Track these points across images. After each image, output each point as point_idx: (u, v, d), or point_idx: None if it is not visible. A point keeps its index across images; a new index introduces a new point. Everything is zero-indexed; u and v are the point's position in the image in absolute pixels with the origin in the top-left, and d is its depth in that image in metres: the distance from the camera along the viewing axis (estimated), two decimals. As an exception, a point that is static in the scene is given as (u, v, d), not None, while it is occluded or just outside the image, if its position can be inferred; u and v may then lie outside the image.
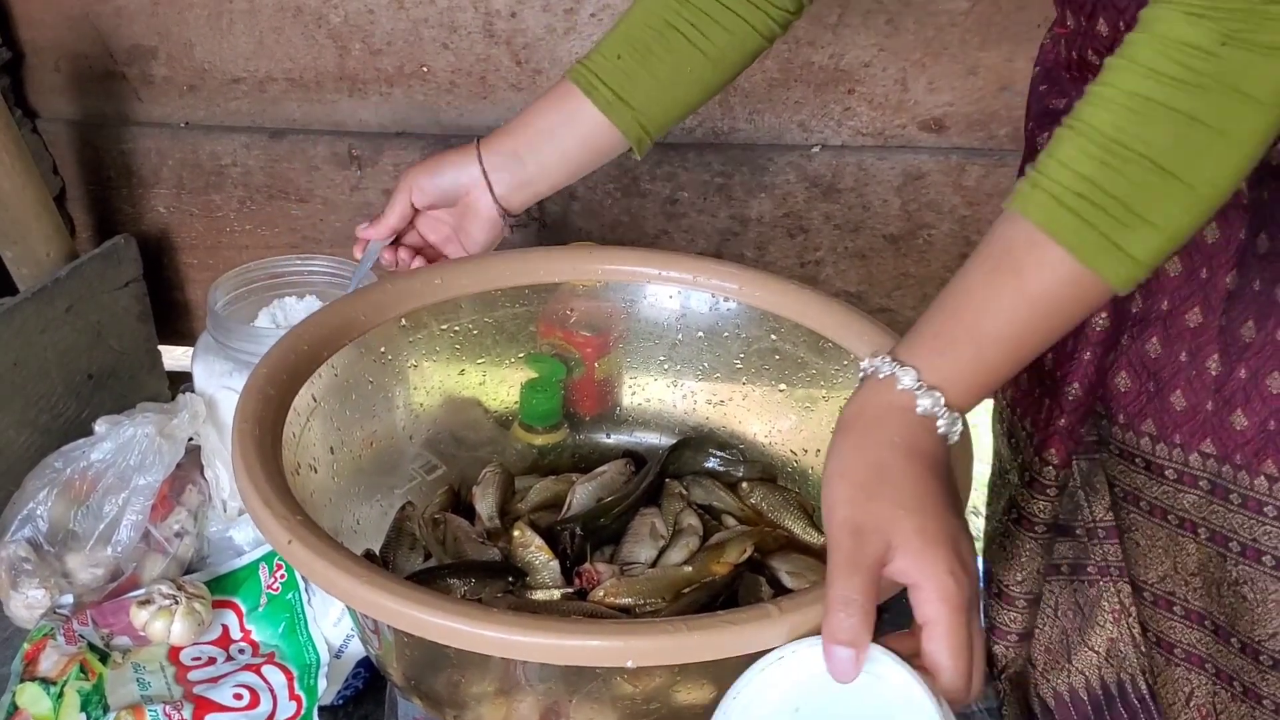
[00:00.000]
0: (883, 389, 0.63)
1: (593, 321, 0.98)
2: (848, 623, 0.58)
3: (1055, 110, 0.86)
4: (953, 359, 0.63)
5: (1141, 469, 0.85)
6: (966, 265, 0.64)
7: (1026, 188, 0.61)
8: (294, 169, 1.36)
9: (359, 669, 0.91)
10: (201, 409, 1.04)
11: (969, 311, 0.63)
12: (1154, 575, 0.87)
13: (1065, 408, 0.85)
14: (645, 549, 0.85)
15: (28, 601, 0.94)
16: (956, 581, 0.59)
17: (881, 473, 0.61)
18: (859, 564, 0.59)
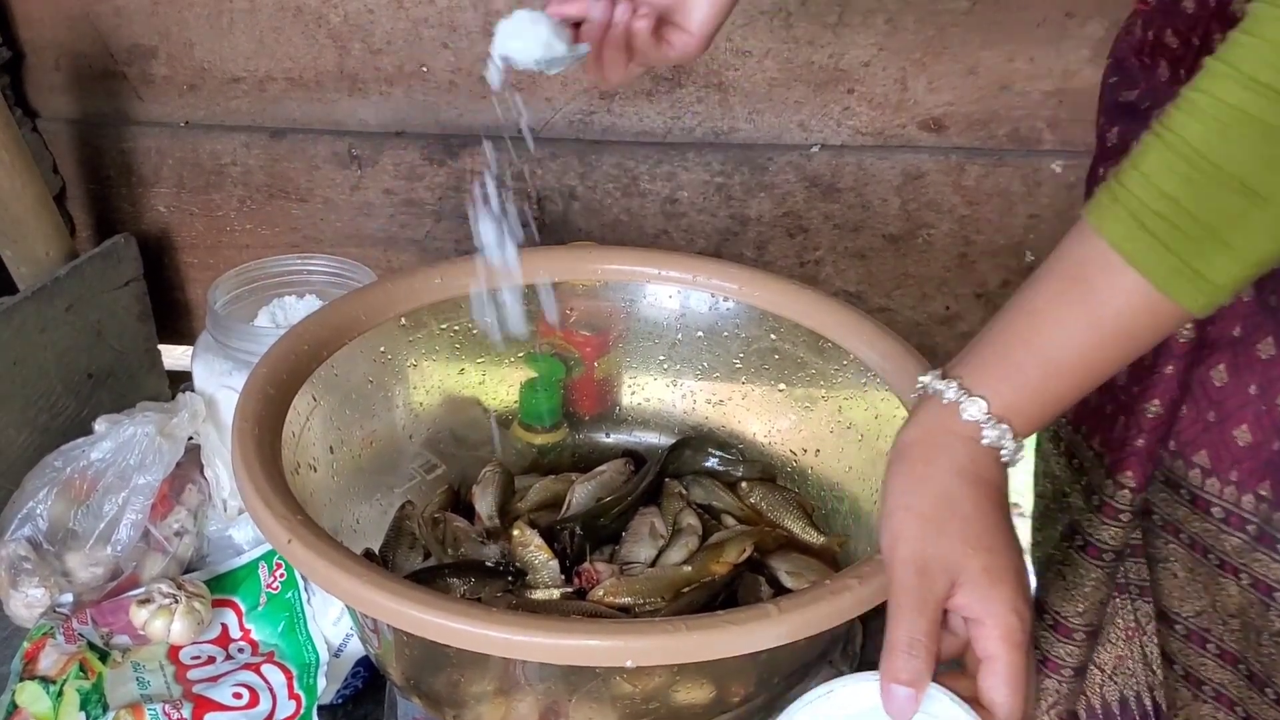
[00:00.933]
0: (946, 415, 0.61)
1: (592, 321, 0.98)
2: (912, 664, 0.57)
3: (1126, 103, 0.81)
4: (1020, 386, 0.60)
5: (1186, 501, 0.79)
6: (1036, 280, 0.60)
7: (1106, 200, 0.57)
8: (294, 168, 1.36)
9: (358, 668, 0.91)
10: (201, 408, 1.04)
11: (1038, 336, 0.59)
12: (1189, 610, 0.82)
13: (1144, 426, 0.79)
14: (645, 549, 0.86)
15: (27, 600, 0.94)
16: (1020, 619, 0.58)
17: (949, 506, 0.59)
18: (925, 604, 0.58)
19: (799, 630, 0.61)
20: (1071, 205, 1.27)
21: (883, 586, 0.64)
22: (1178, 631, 0.83)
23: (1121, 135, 0.82)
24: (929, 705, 0.58)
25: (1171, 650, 0.84)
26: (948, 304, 1.35)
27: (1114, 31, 1.17)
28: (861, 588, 0.63)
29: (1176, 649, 0.84)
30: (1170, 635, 0.84)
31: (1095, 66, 1.20)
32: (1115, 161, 0.81)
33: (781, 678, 0.74)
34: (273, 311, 1.10)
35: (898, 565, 0.59)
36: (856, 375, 0.87)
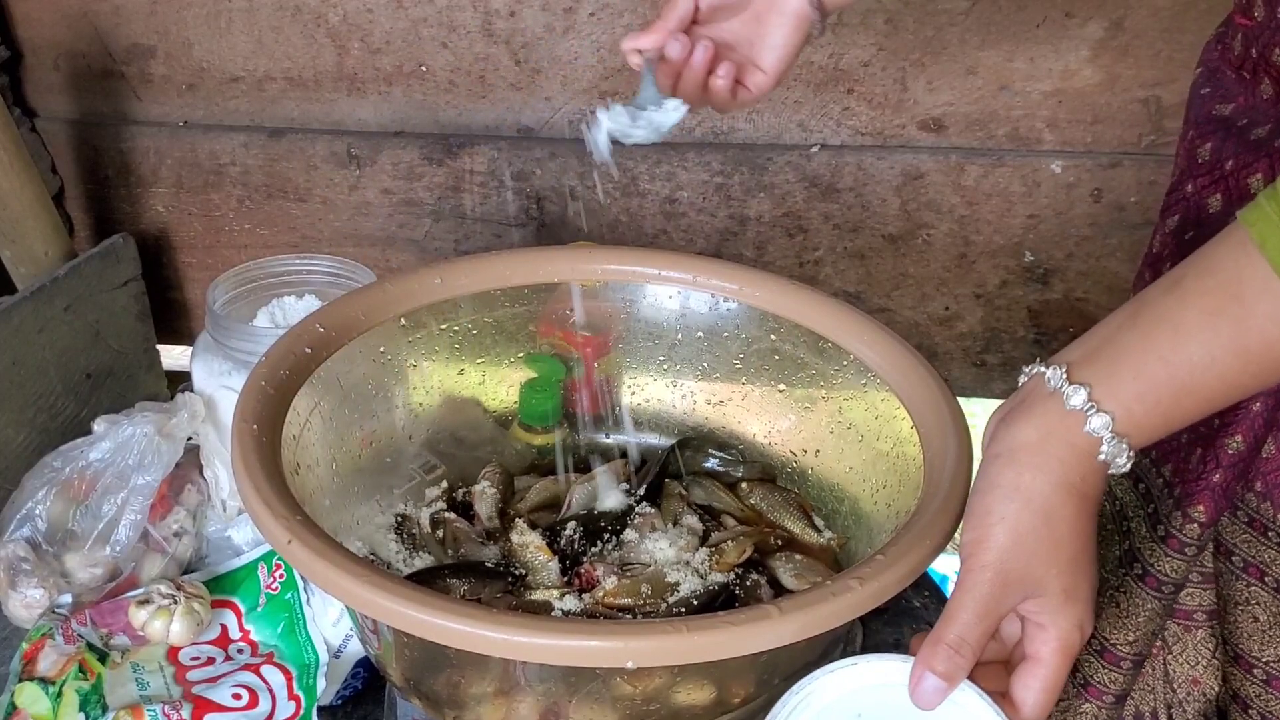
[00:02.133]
0: (1067, 425, 0.57)
1: (592, 321, 0.98)
2: (954, 661, 0.57)
3: (1220, 118, 0.78)
4: (1150, 403, 0.57)
5: (1274, 544, 0.76)
6: (1182, 288, 0.56)
7: (1272, 212, 0.52)
8: (293, 168, 1.36)
9: (358, 669, 0.91)
10: (200, 408, 1.03)
11: (1178, 354, 0.55)
12: (1270, 654, 0.79)
13: (1223, 462, 0.76)
14: (644, 549, 0.85)
15: (26, 601, 0.94)
16: (1081, 636, 0.58)
17: (1048, 522, 0.57)
18: (990, 614, 0.57)
19: (800, 631, 0.61)
20: (1071, 205, 1.28)
21: (884, 587, 0.64)
22: (1256, 676, 0.81)
23: (1216, 151, 0.79)
24: (954, 694, 0.58)
25: (1247, 694, 0.82)
26: (947, 304, 1.35)
27: (1113, 31, 1.18)
28: (862, 589, 0.63)
29: (1253, 694, 0.81)
30: (1247, 679, 0.81)
31: (1095, 67, 1.21)
32: (1208, 178, 0.79)
33: (782, 678, 0.73)
34: (272, 311, 1.10)
35: (977, 568, 0.58)
36: (856, 376, 0.87)
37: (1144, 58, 1.19)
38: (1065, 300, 1.33)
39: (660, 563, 0.84)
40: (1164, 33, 1.18)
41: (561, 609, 0.79)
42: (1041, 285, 1.33)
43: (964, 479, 0.72)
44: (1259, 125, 0.76)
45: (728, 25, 0.82)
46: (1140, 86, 1.21)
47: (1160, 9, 1.17)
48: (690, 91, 0.82)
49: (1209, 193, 0.80)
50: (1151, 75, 1.20)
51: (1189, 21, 1.17)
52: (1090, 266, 1.30)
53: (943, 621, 0.58)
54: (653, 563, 0.84)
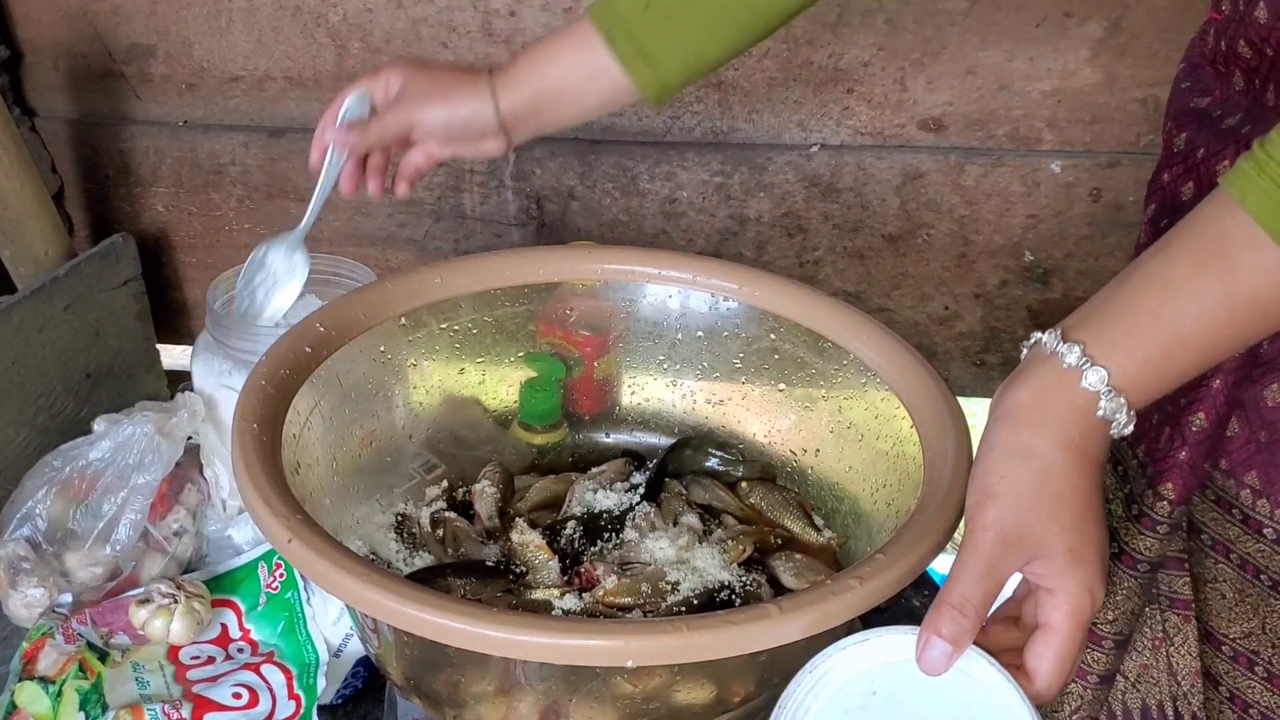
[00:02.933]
0: (1064, 382, 0.58)
1: (592, 321, 0.98)
2: (958, 622, 0.57)
3: (1196, 110, 0.80)
4: (1144, 358, 0.58)
5: (1238, 521, 0.78)
6: (1168, 249, 0.58)
7: (1251, 170, 0.55)
8: (292, 168, 1.36)
9: (358, 668, 0.91)
10: (200, 408, 1.04)
11: (1168, 309, 0.57)
12: (1237, 631, 0.81)
13: (1188, 439, 0.78)
14: (644, 549, 0.86)
15: (26, 600, 0.94)
16: (1091, 599, 0.57)
17: (1047, 480, 0.58)
18: (994, 573, 0.57)
19: (800, 630, 0.61)
20: (1070, 205, 1.28)
21: (884, 586, 0.64)
22: (1224, 653, 0.82)
23: (1190, 141, 0.81)
24: (964, 664, 0.57)
25: (1218, 671, 0.83)
26: (947, 304, 1.35)
27: (1112, 31, 1.18)
28: (862, 587, 0.63)
29: (1223, 670, 0.82)
30: (1216, 656, 0.83)
31: (1094, 67, 1.21)
32: (1183, 166, 0.81)
33: (782, 678, 0.73)
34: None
35: (979, 528, 0.58)
36: (856, 375, 0.87)
37: (1143, 57, 1.19)
38: (1065, 299, 1.33)
39: (660, 562, 0.84)
40: (1162, 32, 1.18)
41: (561, 608, 0.79)
42: (1041, 285, 1.33)
43: (964, 478, 0.72)
44: (1230, 115, 0.78)
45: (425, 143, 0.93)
46: (1139, 86, 1.21)
47: (1159, 9, 1.17)
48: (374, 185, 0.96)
49: (1182, 181, 0.81)
50: (1150, 75, 1.20)
51: (1187, 21, 1.17)
52: (1089, 266, 1.30)
53: (947, 584, 0.58)
54: (653, 562, 0.84)
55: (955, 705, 0.58)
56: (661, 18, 0.85)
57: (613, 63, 0.86)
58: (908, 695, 0.59)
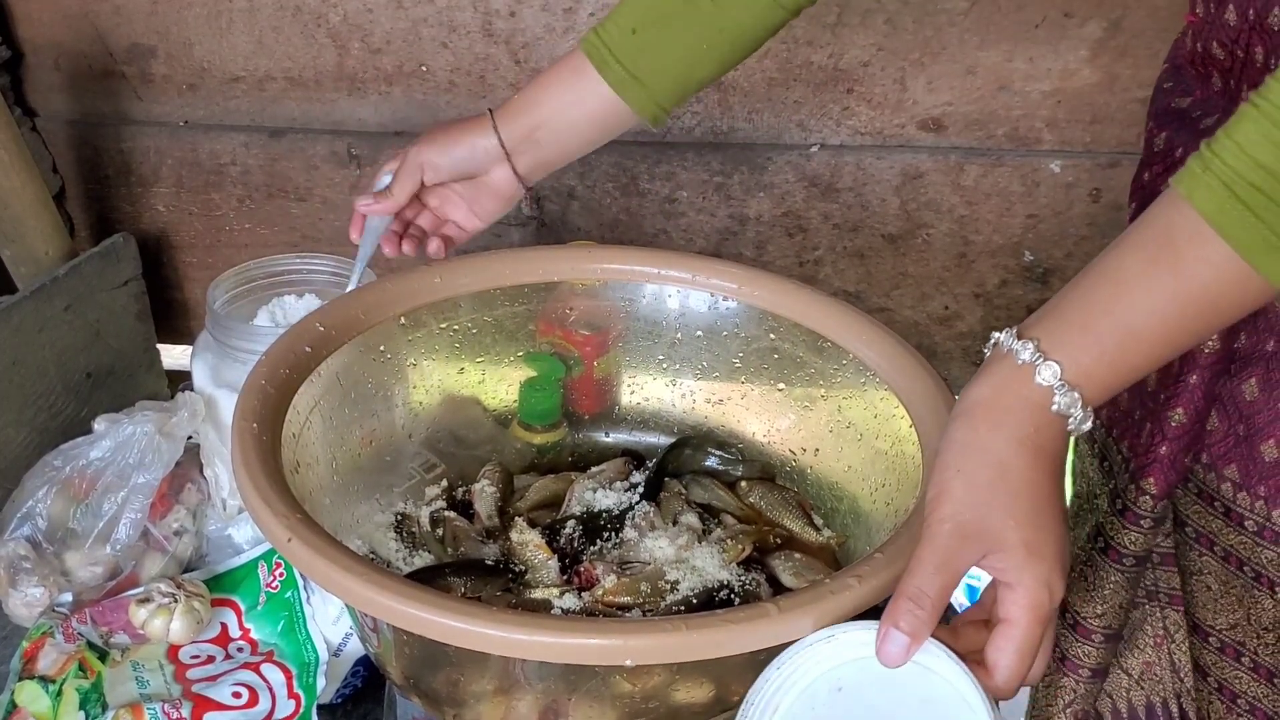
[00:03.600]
0: (1018, 378, 0.59)
1: (592, 320, 0.98)
2: (915, 614, 0.57)
3: (1177, 110, 0.81)
4: (1097, 353, 0.58)
5: (1220, 514, 0.79)
6: (1120, 247, 0.59)
7: (1197, 169, 0.56)
8: (293, 168, 1.36)
9: (358, 667, 0.91)
10: (200, 407, 1.04)
11: (1119, 304, 0.58)
12: (1223, 622, 0.81)
13: (1168, 434, 0.79)
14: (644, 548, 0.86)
15: (27, 599, 0.94)
16: (1050, 594, 0.58)
17: (1003, 474, 0.58)
18: (949, 566, 0.58)
19: (799, 629, 0.61)
20: (1070, 205, 1.28)
21: (883, 586, 0.64)
22: (1211, 644, 0.83)
23: (1169, 141, 0.82)
24: (924, 658, 0.58)
25: (1205, 663, 0.83)
26: (946, 303, 1.35)
27: (1112, 31, 1.19)
28: (861, 586, 0.63)
29: (1210, 662, 0.83)
30: (1204, 648, 0.83)
31: (1094, 67, 1.21)
32: (1162, 165, 0.82)
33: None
34: (272, 311, 1.10)
35: (935, 521, 0.58)
36: (855, 375, 0.87)
37: (1142, 57, 1.19)
38: (1064, 300, 1.33)
39: (659, 561, 0.84)
40: (1162, 32, 1.18)
41: (561, 607, 0.79)
42: (1041, 285, 1.33)
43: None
44: (1209, 116, 0.78)
45: (447, 191, 0.98)
46: (1139, 86, 1.21)
47: (1158, 9, 1.17)
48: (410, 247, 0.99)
49: (1161, 180, 0.82)
50: (1150, 75, 1.19)
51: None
52: (1089, 266, 1.30)
53: (904, 577, 0.58)
54: (652, 561, 0.84)
55: (917, 700, 0.59)
56: (649, 42, 0.88)
57: (605, 89, 0.89)
58: (872, 691, 0.60)
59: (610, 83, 0.89)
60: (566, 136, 0.93)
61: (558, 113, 0.92)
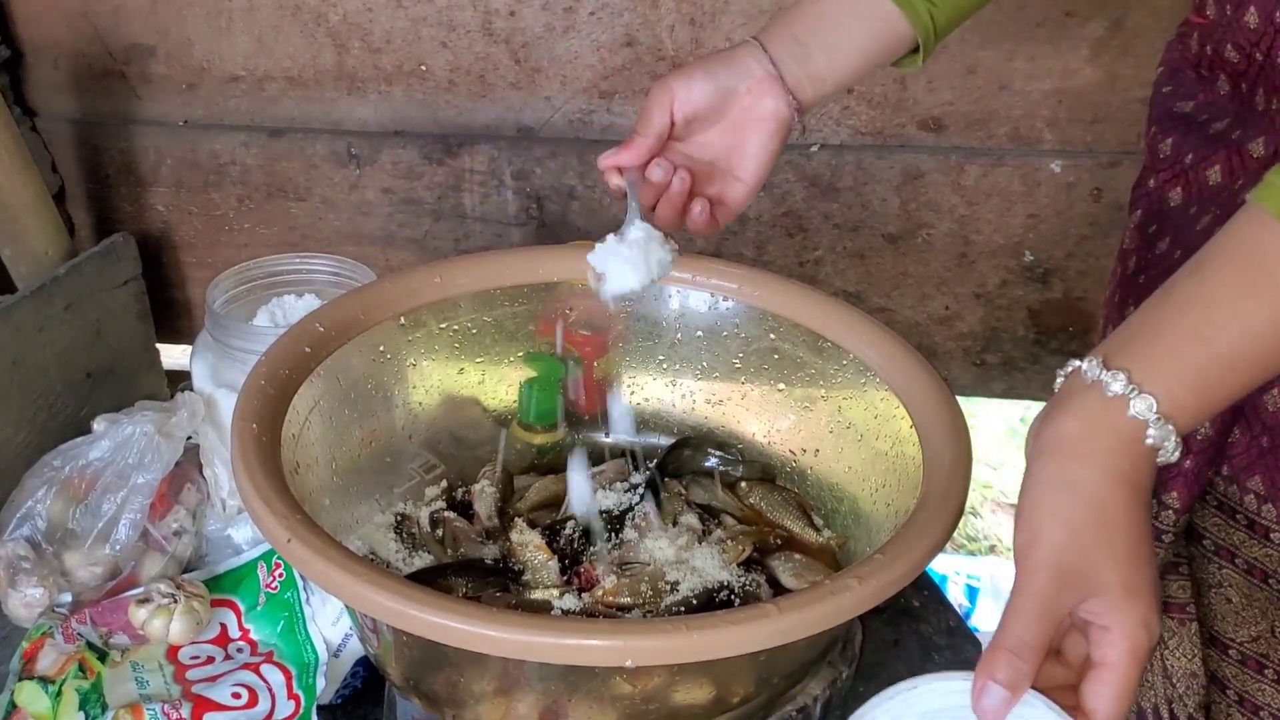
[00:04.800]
0: (1110, 411, 0.56)
1: (592, 321, 0.98)
2: (1016, 666, 0.54)
3: (1180, 114, 0.80)
4: (1191, 383, 0.56)
5: (1243, 526, 0.78)
6: (1205, 268, 0.56)
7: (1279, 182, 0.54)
8: (293, 167, 1.36)
9: (357, 668, 0.91)
10: (200, 407, 1.04)
11: (1212, 329, 0.55)
12: (1245, 635, 0.80)
13: (1192, 448, 0.77)
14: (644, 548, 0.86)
15: (26, 600, 0.94)
16: (1148, 633, 0.55)
17: (1101, 514, 0.56)
18: (1050, 612, 0.55)
19: (799, 630, 0.61)
20: (1071, 205, 1.28)
21: (883, 586, 0.64)
22: (1231, 656, 0.82)
23: (1176, 146, 0.81)
24: (1021, 709, 0.55)
25: (1224, 675, 0.82)
26: (947, 303, 1.35)
27: (1113, 31, 1.18)
28: (861, 587, 0.63)
29: (1230, 674, 0.82)
30: (1223, 660, 0.82)
31: (1095, 66, 1.21)
32: (1170, 172, 0.81)
33: (781, 678, 0.74)
34: (272, 310, 1.10)
35: (1031, 568, 0.56)
36: (856, 375, 0.87)
37: (1144, 57, 1.19)
38: (1065, 300, 1.33)
39: (659, 562, 0.84)
40: (1163, 32, 1.17)
41: (561, 608, 0.79)
42: (1041, 285, 1.33)
43: (963, 478, 0.72)
44: (1218, 120, 0.77)
45: (705, 138, 0.82)
46: (1140, 86, 1.21)
47: (1160, 8, 1.17)
48: (668, 218, 0.82)
49: (1170, 187, 0.81)
50: (1151, 75, 1.19)
51: (1189, 21, 1.17)
52: (1090, 266, 1.30)
53: (1001, 627, 0.56)
54: (652, 562, 0.84)
55: None
56: None
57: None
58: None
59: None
60: (839, 47, 0.80)
61: (828, 19, 0.80)
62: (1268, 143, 0.75)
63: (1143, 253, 0.86)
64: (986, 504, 2.49)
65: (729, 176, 0.82)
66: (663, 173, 0.80)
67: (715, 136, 0.82)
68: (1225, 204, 0.77)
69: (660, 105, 0.80)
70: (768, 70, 0.80)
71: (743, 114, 0.81)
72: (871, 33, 0.80)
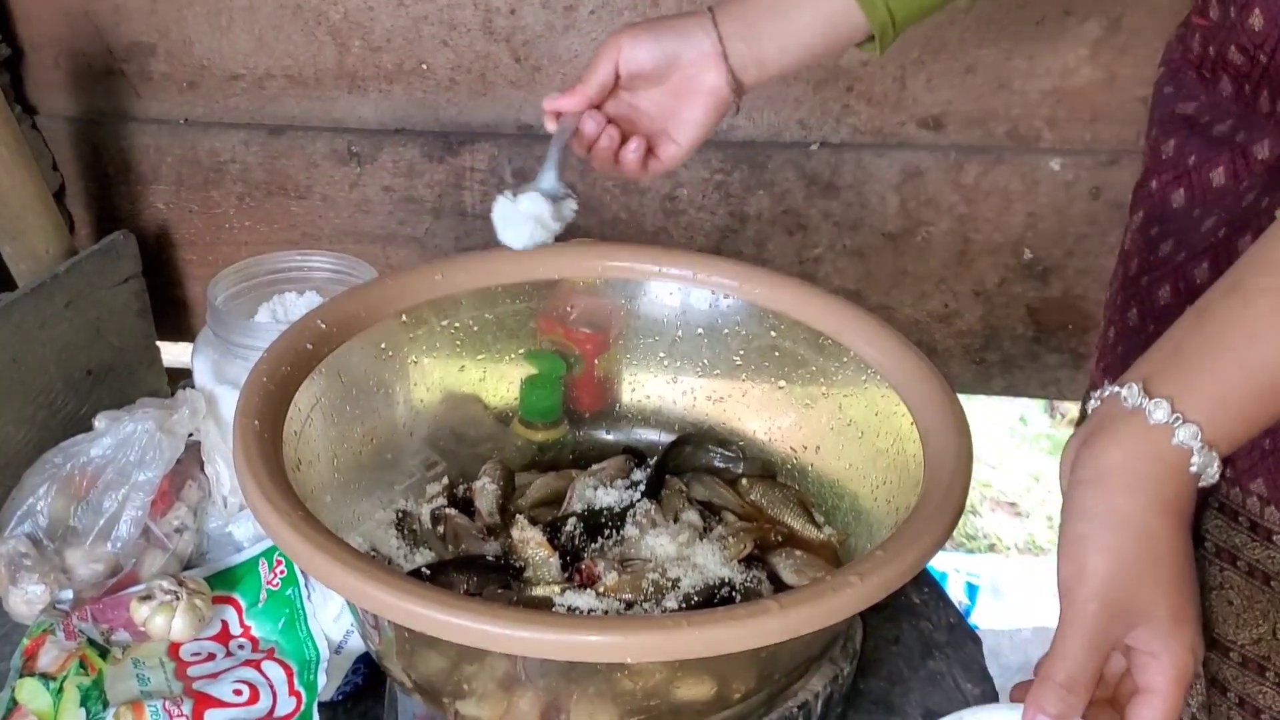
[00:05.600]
0: (1154, 440, 0.56)
1: (593, 318, 0.98)
2: (1068, 701, 0.55)
3: (1182, 115, 0.80)
4: (1234, 410, 0.56)
5: (1245, 528, 0.78)
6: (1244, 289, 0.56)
7: None
8: (293, 165, 1.36)
9: (359, 665, 0.91)
10: (201, 405, 1.04)
11: (1255, 354, 0.55)
12: (1246, 637, 0.80)
13: None
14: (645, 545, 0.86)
15: (27, 597, 0.94)
16: (1194, 659, 0.56)
17: (1149, 544, 0.55)
18: (1100, 646, 0.55)
19: (800, 626, 0.61)
20: (1070, 203, 1.28)
21: (884, 583, 0.64)
22: (1232, 659, 0.82)
23: (1178, 148, 0.81)
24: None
25: (1224, 678, 0.82)
26: (946, 301, 1.35)
27: (1112, 30, 1.19)
28: (862, 584, 0.63)
29: (1230, 677, 0.82)
30: (1224, 663, 0.82)
31: (1094, 65, 1.21)
32: (1172, 174, 0.81)
33: (782, 674, 0.74)
34: (273, 308, 1.10)
35: (1080, 600, 0.56)
36: (856, 372, 0.87)
37: (1142, 56, 1.20)
38: (1064, 298, 1.33)
39: (661, 559, 0.84)
40: (1162, 31, 1.17)
41: (563, 604, 0.79)
42: (1040, 283, 1.33)
43: (964, 476, 0.72)
44: (1220, 122, 0.77)
45: (648, 94, 0.85)
46: (1139, 85, 1.21)
47: (1158, 7, 1.17)
48: (602, 160, 0.86)
49: (1172, 189, 0.81)
50: (1150, 73, 1.19)
51: (1188, 20, 1.17)
52: (1089, 264, 1.30)
53: (1050, 659, 0.56)
54: (653, 559, 0.84)
55: None
56: None
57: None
58: None
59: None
60: (790, 34, 0.81)
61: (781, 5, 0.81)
62: (1272, 145, 0.75)
63: (1145, 255, 0.86)
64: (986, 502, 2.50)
65: (665, 135, 0.86)
66: (594, 126, 0.84)
67: (656, 97, 0.85)
68: (1229, 207, 0.77)
69: (606, 59, 0.82)
70: (715, 47, 0.81)
71: (684, 83, 0.83)
72: (825, 23, 0.80)
